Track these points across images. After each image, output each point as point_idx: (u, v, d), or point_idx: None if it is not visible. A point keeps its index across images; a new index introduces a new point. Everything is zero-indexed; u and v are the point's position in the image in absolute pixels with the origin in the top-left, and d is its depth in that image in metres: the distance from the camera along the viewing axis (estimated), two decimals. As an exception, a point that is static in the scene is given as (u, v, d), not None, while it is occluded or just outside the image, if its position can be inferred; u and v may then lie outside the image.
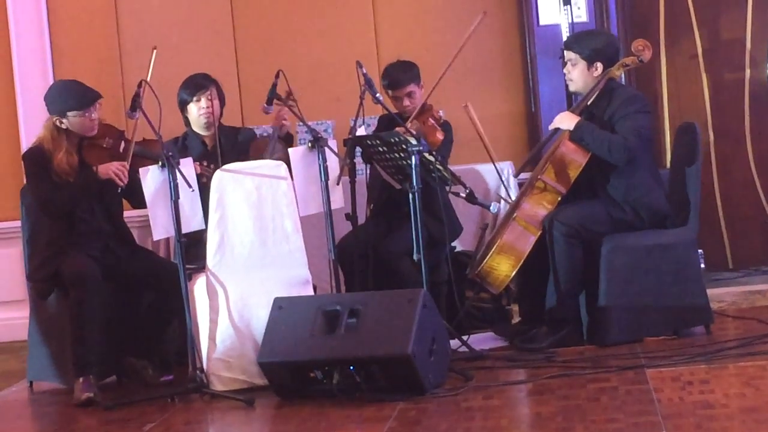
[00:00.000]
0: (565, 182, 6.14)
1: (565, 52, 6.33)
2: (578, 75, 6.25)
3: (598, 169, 6.14)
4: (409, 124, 6.33)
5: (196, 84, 6.54)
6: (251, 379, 5.74)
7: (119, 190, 5.99)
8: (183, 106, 6.56)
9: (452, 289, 6.37)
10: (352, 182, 6.17)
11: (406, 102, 6.60)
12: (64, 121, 6.00)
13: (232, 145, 6.54)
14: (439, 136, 6.41)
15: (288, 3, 7.91)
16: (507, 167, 7.22)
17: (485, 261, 6.15)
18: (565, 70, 6.34)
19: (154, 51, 5.98)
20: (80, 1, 7.97)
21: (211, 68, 6.88)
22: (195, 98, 6.51)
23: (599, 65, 6.21)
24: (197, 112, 6.52)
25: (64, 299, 5.99)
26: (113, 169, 5.93)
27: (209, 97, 6.50)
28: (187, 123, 6.61)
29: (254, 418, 5.42)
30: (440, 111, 6.57)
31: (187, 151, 6.47)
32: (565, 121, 6.20)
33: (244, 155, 6.32)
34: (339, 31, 7.84)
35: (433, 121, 6.43)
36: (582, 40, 6.31)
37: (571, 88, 6.38)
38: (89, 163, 6.02)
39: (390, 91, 6.62)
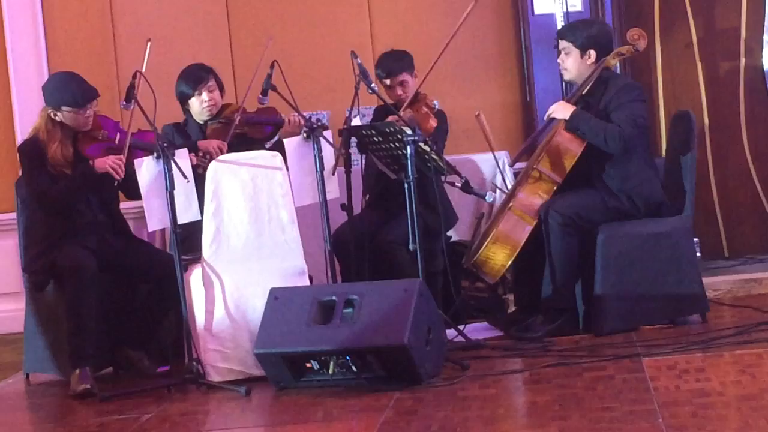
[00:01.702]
0: (561, 171, 6.14)
1: (558, 41, 6.34)
2: (572, 64, 6.26)
3: (594, 158, 6.14)
4: (402, 112, 6.33)
5: (196, 77, 6.52)
6: (247, 369, 5.74)
7: (116, 184, 5.98)
8: (184, 99, 6.55)
9: (448, 279, 6.37)
10: (348, 172, 6.15)
11: (399, 91, 6.60)
12: (58, 114, 5.99)
13: None
14: (433, 123, 6.41)
15: (283, -7, 7.91)
16: (502, 157, 7.21)
17: (481, 251, 6.15)
18: (559, 60, 6.35)
19: (149, 43, 5.96)
20: (74, -8, 7.97)
21: (206, 59, 6.88)
22: (197, 92, 6.50)
23: (592, 53, 6.21)
24: (200, 105, 6.52)
25: (60, 291, 5.98)
26: (110, 163, 5.90)
27: (211, 89, 6.50)
28: (188, 113, 6.60)
29: (251, 409, 5.42)
30: (434, 101, 6.57)
31: (186, 135, 6.48)
32: (561, 110, 6.20)
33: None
34: (334, 22, 7.82)
35: (426, 109, 6.43)
36: (575, 29, 6.31)
37: (566, 77, 6.39)
38: (84, 154, 6.00)
39: (383, 80, 6.62)
